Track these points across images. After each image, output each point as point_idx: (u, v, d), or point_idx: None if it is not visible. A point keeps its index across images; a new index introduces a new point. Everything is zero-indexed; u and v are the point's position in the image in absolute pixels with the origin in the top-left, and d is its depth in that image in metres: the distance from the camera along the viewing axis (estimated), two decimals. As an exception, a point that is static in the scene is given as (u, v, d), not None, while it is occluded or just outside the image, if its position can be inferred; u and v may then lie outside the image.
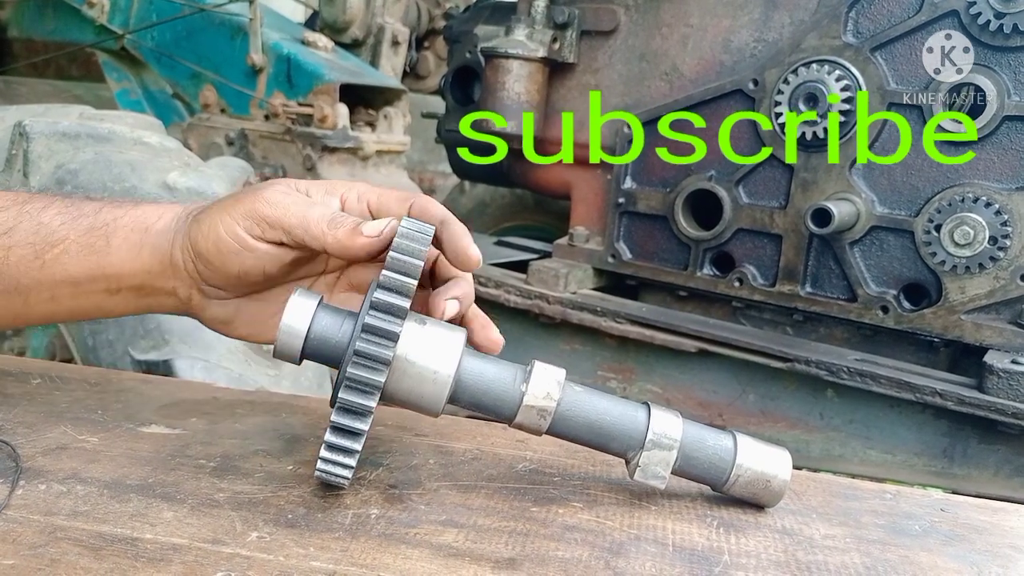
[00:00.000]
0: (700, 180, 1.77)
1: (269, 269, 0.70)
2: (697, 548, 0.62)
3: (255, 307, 0.74)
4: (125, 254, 0.72)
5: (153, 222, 0.73)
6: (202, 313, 0.74)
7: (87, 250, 0.71)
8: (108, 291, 0.73)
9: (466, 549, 0.59)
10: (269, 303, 0.74)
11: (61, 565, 0.52)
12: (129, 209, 0.74)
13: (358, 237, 0.66)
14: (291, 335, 0.64)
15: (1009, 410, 1.39)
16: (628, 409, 0.67)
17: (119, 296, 0.74)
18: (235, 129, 2.74)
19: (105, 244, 0.72)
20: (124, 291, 0.73)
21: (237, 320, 0.74)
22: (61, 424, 0.74)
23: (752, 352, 1.63)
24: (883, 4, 1.58)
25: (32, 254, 0.71)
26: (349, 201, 0.73)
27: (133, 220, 0.73)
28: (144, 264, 0.72)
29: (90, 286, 0.72)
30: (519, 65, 1.89)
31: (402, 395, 0.65)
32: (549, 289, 1.88)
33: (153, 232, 0.72)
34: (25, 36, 3.54)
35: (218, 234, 0.68)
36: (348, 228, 0.66)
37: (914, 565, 0.63)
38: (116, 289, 0.73)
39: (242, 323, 0.74)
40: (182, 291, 0.73)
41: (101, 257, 0.72)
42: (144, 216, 0.73)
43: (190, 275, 0.72)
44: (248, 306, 0.74)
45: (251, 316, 0.74)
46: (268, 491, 0.65)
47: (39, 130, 1.50)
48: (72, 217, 0.73)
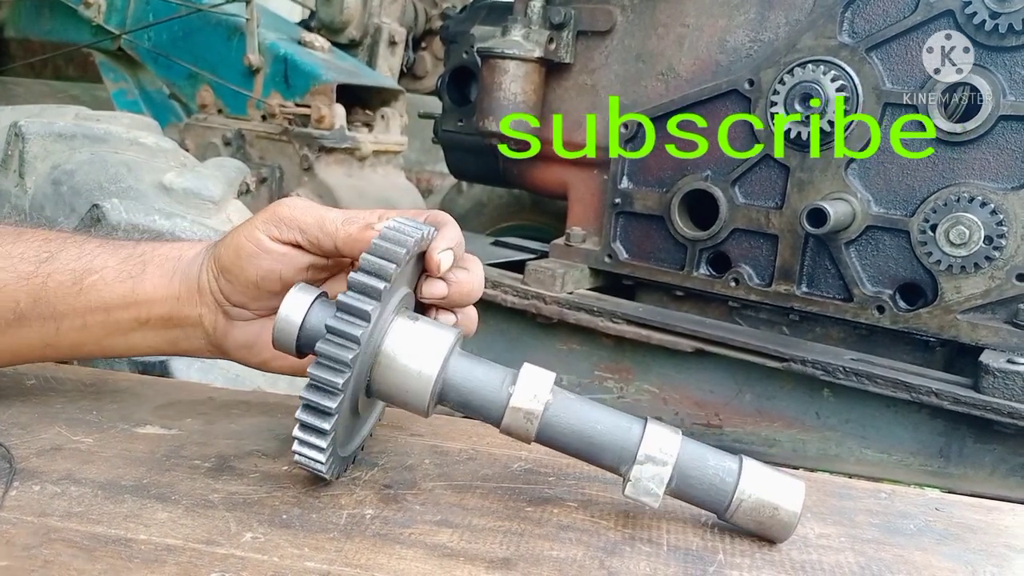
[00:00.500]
0: (696, 180, 1.78)
1: (286, 274, 0.71)
2: (692, 548, 0.62)
3: None
4: (158, 280, 0.75)
5: (186, 251, 0.77)
6: (225, 340, 0.76)
7: (123, 276, 0.74)
8: (138, 320, 0.75)
9: (461, 549, 0.59)
10: None
11: (55, 566, 0.52)
12: (166, 243, 0.79)
13: (368, 231, 0.67)
14: (287, 323, 0.64)
15: (1005, 409, 1.39)
16: (622, 421, 0.64)
17: (147, 328, 0.76)
18: (232, 129, 2.74)
19: (141, 271, 0.75)
20: (153, 321, 0.76)
21: (259, 342, 0.75)
22: (55, 425, 0.74)
23: (748, 352, 1.63)
24: (878, 4, 1.58)
25: (71, 280, 0.74)
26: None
27: (168, 250, 0.77)
28: (174, 291, 0.75)
29: (121, 313, 0.75)
30: (515, 65, 1.89)
31: (388, 389, 0.65)
32: (546, 289, 1.88)
33: (185, 260, 0.76)
34: (22, 36, 3.53)
35: (238, 241, 0.71)
36: (360, 224, 0.68)
37: (909, 564, 0.63)
38: (146, 319, 0.75)
39: (264, 345, 0.75)
40: (207, 318, 0.75)
41: (136, 283, 0.74)
42: (179, 248, 0.78)
43: (214, 296, 0.74)
44: (269, 326, 0.74)
45: None
46: (263, 491, 0.65)
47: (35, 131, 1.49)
48: (112, 249, 0.76)
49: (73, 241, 0.77)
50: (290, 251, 0.71)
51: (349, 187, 2.63)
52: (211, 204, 1.50)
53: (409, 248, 0.62)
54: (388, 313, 0.64)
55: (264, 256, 0.70)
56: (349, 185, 2.63)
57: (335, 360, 0.58)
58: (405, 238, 0.62)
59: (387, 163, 2.84)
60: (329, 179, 2.60)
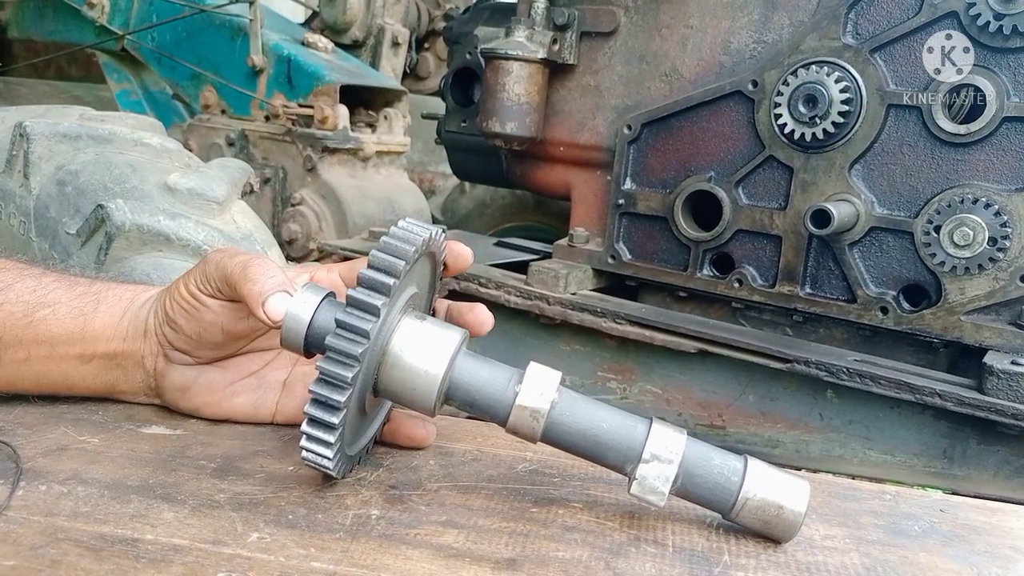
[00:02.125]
0: (700, 181, 1.78)
1: (227, 326, 0.73)
2: (697, 549, 0.62)
3: (215, 374, 0.77)
4: (108, 319, 0.76)
5: (140, 294, 0.78)
6: (163, 382, 0.77)
7: (75, 312, 0.75)
8: (82, 357, 0.76)
9: (466, 550, 0.59)
10: (228, 371, 0.78)
11: (62, 566, 0.52)
12: (122, 283, 0.80)
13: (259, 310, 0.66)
14: (296, 322, 0.65)
15: (1009, 411, 1.39)
16: (627, 420, 0.65)
17: (90, 365, 0.77)
18: (235, 130, 2.74)
19: (93, 309, 0.76)
20: (97, 359, 0.76)
21: (195, 387, 0.77)
22: (61, 425, 0.74)
23: (752, 353, 1.63)
24: (882, 5, 1.58)
25: (22, 312, 0.75)
26: (318, 274, 0.76)
27: (123, 291, 0.78)
28: (122, 331, 0.76)
29: (66, 349, 0.75)
30: (519, 66, 1.89)
31: (395, 388, 0.65)
32: (549, 290, 1.88)
33: (136, 303, 0.77)
34: (25, 37, 3.54)
35: (180, 292, 0.73)
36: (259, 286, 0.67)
37: (913, 566, 0.63)
38: (90, 356, 0.76)
39: (199, 389, 0.77)
40: (149, 360, 0.76)
41: (87, 320, 0.76)
42: (134, 290, 0.79)
43: (159, 340, 0.75)
44: (208, 373, 0.77)
45: (209, 383, 0.77)
46: (269, 492, 0.65)
47: (39, 131, 1.50)
48: (68, 284, 0.78)
49: (30, 273, 0.78)
50: (226, 304, 0.72)
51: (352, 188, 2.63)
52: (215, 205, 1.50)
53: (418, 247, 0.62)
54: (396, 311, 0.65)
55: (204, 311, 0.72)
56: (352, 186, 2.64)
57: (345, 354, 0.59)
58: (415, 237, 0.62)
59: (390, 164, 2.84)
60: (332, 180, 2.61)
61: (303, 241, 2.57)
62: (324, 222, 2.57)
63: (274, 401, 0.78)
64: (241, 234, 1.50)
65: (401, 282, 0.61)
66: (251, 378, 0.79)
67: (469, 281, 1.96)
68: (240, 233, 1.51)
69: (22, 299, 0.75)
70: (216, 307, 0.72)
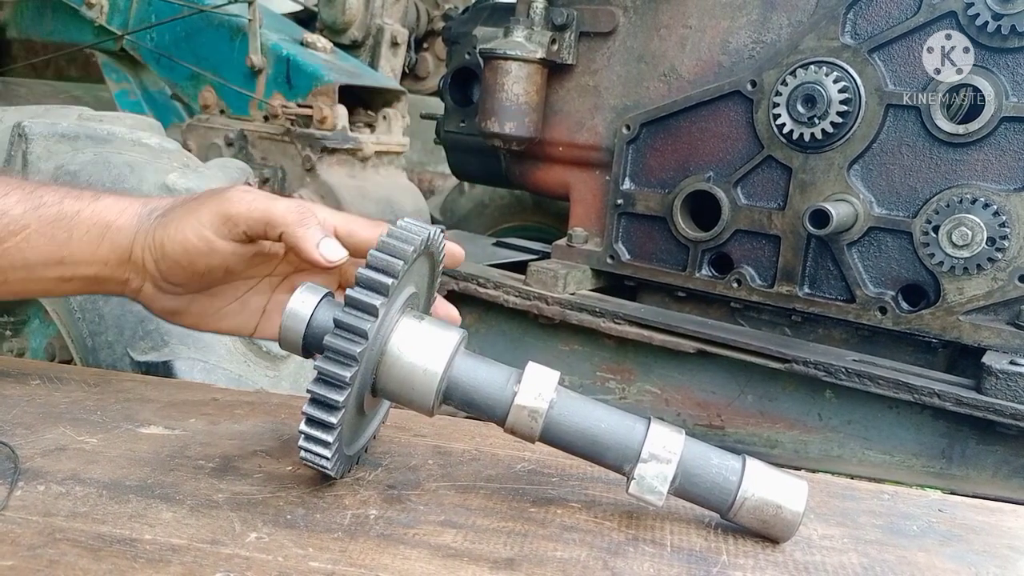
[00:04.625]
0: (698, 181, 1.78)
1: (232, 266, 0.75)
2: (695, 548, 0.62)
3: (205, 301, 0.79)
4: (85, 246, 0.76)
5: (115, 218, 0.77)
6: (152, 304, 0.79)
7: (48, 240, 0.75)
8: (61, 279, 0.77)
9: (464, 549, 0.59)
10: (218, 298, 0.79)
11: (60, 566, 0.52)
12: (90, 202, 0.78)
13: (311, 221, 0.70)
14: (294, 322, 0.65)
15: (1007, 411, 1.39)
16: (626, 420, 0.65)
17: (71, 283, 0.77)
18: (234, 130, 2.74)
19: (67, 236, 0.75)
20: (76, 280, 0.77)
21: (185, 313, 0.79)
22: (60, 425, 0.74)
23: (750, 353, 1.63)
24: (881, 5, 1.58)
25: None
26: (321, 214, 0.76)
27: (94, 214, 0.77)
28: (102, 256, 0.76)
29: (44, 272, 0.76)
30: (518, 66, 1.89)
31: (393, 387, 0.65)
32: (548, 290, 1.88)
33: (114, 228, 0.76)
34: (24, 37, 3.53)
35: (186, 236, 0.72)
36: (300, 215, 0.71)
37: (912, 565, 0.63)
38: (69, 277, 0.77)
39: (189, 315, 0.79)
40: (135, 282, 0.77)
41: (61, 247, 0.75)
42: (105, 210, 0.77)
43: (148, 271, 0.76)
44: (199, 300, 0.78)
45: (200, 309, 0.79)
46: (267, 492, 0.65)
47: (38, 131, 1.50)
48: (34, 206, 0.76)
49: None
50: (239, 247, 0.74)
51: (351, 188, 2.63)
52: (214, 205, 1.50)
53: (417, 247, 0.62)
54: (395, 310, 0.65)
55: (215, 254, 0.73)
56: (351, 186, 2.64)
57: (343, 354, 0.59)
58: (413, 236, 0.62)
59: (389, 164, 2.84)
60: (331, 180, 2.60)
61: (302, 241, 2.57)
62: (323, 222, 2.57)
63: (254, 324, 0.82)
64: (240, 234, 1.50)
65: (399, 282, 0.61)
66: (236, 303, 0.81)
67: (468, 281, 1.96)
68: (239, 233, 1.50)
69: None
70: (230, 250, 0.73)
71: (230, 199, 0.72)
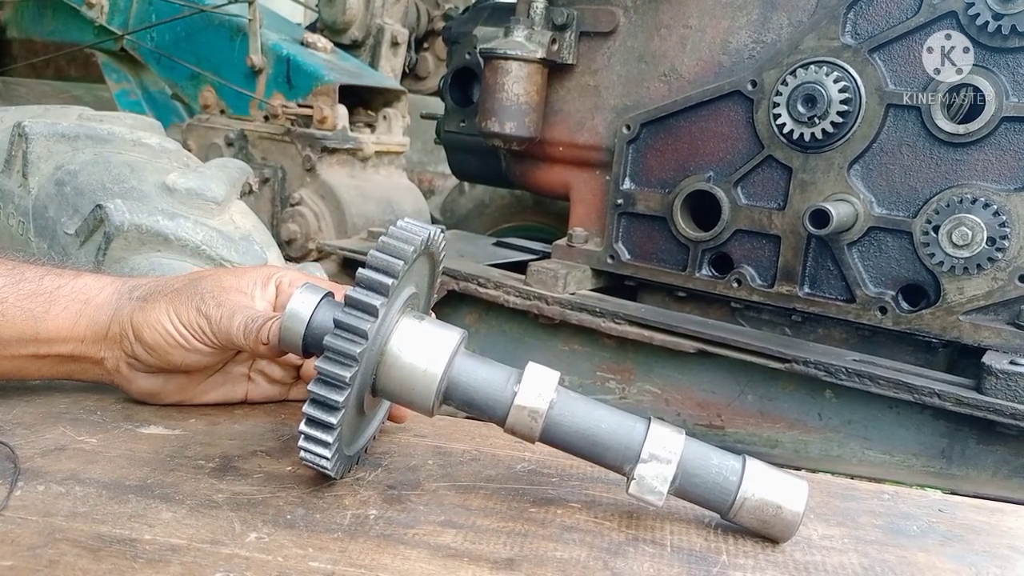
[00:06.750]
0: (698, 181, 1.78)
1: (208, 361, 0.76)
2: (695, 548, 0.62)
3: (182, 379, 0.79)
4: (63, 322, 0.75)
5: (94, 295, 0.76)
6: (129, 385, 0.78)
7: (25, 314, 0.74)
8: (35, 356, 0.75)
9: (464, 550, 0.59)
10: (194, 374, 0.79)
11: (60, 566, 0.52)
12: (71, 278, 0.77)
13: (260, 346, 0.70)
14: (294, 322, 0.65)
15: (1007, 411, 1.39)
16: (626, 420, 0.64)
17: (44, 362, 0.76)
18: (234, 130, 2.74)
19: (45, 311, 0.74)
20: (51, 358, 0.76)
21: (163, 391, 0.79)
22: (60, 425, 0.74)
23: (751, 353, 1.63)
24: (881, 5, 1.58)
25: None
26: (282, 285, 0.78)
27: (75, 290, 0.76)
28: (79, 333, 0.75)
29: (18, 349, 0.74)
30: (518, 66, 1.89)
31: (393, 387, 0.65)
32: (548, 290, 1.88)
33: (93, 305, 0.76)
34: (24, 37, 3.54)
35: (165, 328, 0.73)
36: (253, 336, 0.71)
37: (912, 565, 0.63)
38: (44, 355, 0.76)
39: (168, 393, 0.79)
40: (110, 362, 0.76)
41: (38, 323, 0.74)
42: (86, 287, 0.77)
43: (124, 351, 0.75)
44: (175, 378, 0.78)
45: (178, 386, 0.79)
46: (267, 492, 0.65)
47: (38, 131, 1.50)
48: (14, 280, 0.75)
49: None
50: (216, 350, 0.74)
51: (351, 188, 2.63)
52: (214, 205, 1.50)
53: (417, 247, 0.62)
54: (395, 311, 0.65)
55: (192, 352, 0.73)
56: (351, 186, 2.64)
57: (343, 354, 0.59)
58: (413, 237, 0.62)
59: (389, 164, 2.84)
60: (331, 180, 2.60)
61: (302, 241, 2.57)
62: (323, 222, 2.57)
63: (243, 391, 0.83)
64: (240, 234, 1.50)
65: (399, 282, 0.61)
66: (217, 375, 0.82)
67: (468, 281, 1.96)
68: (239, 233, 1.50)
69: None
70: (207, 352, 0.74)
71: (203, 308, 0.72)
